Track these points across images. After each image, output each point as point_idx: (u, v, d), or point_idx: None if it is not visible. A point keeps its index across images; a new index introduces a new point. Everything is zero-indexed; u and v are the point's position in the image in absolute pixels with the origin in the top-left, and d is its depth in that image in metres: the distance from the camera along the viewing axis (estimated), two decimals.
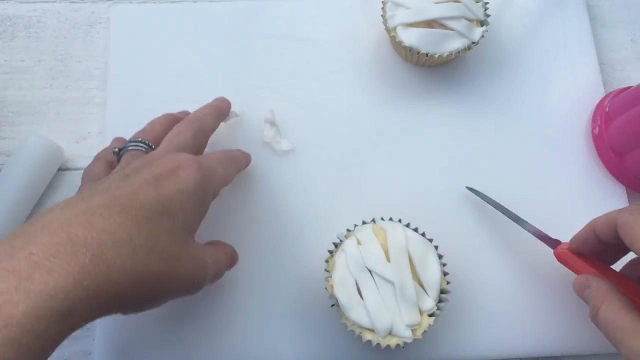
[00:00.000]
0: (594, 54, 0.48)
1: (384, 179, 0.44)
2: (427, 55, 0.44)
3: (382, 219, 0.38)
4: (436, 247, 0.37)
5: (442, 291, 0.36)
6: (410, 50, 0.44)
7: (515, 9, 0.50)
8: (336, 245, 0.38)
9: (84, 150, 0.46)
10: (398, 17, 0.44)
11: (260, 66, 0.47)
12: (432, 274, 0.36)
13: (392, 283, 0.35)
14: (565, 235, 0.39)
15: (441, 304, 0.36)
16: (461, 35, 0.43)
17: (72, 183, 0.45)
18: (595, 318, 0.33)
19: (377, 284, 0.35)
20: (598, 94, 0.47)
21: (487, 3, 0.45)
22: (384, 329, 0.34)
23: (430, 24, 0.43)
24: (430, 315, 0.35)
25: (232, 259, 0.38)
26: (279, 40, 0.48)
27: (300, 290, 0.41)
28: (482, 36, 0.44)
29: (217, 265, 0.34)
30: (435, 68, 0.48)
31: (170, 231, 0.29)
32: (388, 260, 0.35)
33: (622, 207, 0.44)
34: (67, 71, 0.48)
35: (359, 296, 0.35)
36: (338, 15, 0.49)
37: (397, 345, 0.34)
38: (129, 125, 0.45)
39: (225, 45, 0.48)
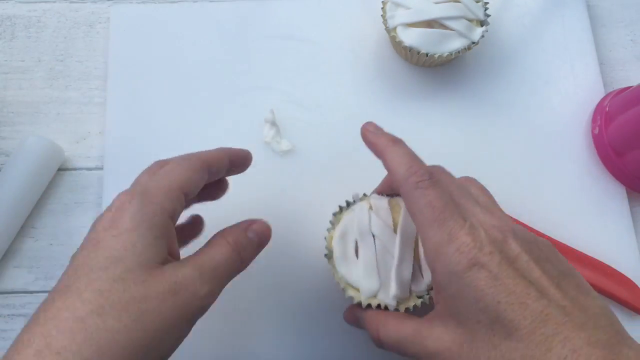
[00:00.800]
0: (594, 54, 0.48)
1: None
2: (427, 55, 0.44)
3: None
4: None
5: None
6: (410, 50, 0.44)
7: (515, 9, 0.50)
8: (348, 204, 0.37)
9: (84, 150, 0.46)
10: (398, 17, 0.44)
11: (260, 66, 0.47)
12: None
13: (392, 255, 0.34)
14: (565, 235, 0.39)
15: (431, 291, 0.34)
16: (461, 35, 0.43)
17: (72, 183, 0.45)
18: (380, 344, 0.32)
19: (377, 250, 0.34)
20: (598, 94, 0.47)
21: (487, 3, 0.45)
22: (369, 291, 0.34)
23: (430, 24, 0.43)
24: (419, 297, 0.34)
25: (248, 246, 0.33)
26: (279, 40, 0.48)
27: (299, 290, 0.41)
28: (482, 36, 0.44)
29: (211, 269, 0.30)
30: (435, 68, 0.48)
31: (136, 292, 0.26)
32: (395, 233, 0.35)
33: (621, 203, 0.44)
34: (67, 71, 0.48)
35: (355, 255, 0.35)
36: (338, 15, 0.49)
37: (378, 306, 0.34)
38: (129, 125, 0.46)
39: (225, 45, 0.48)
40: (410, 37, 0.43)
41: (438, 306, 0.29)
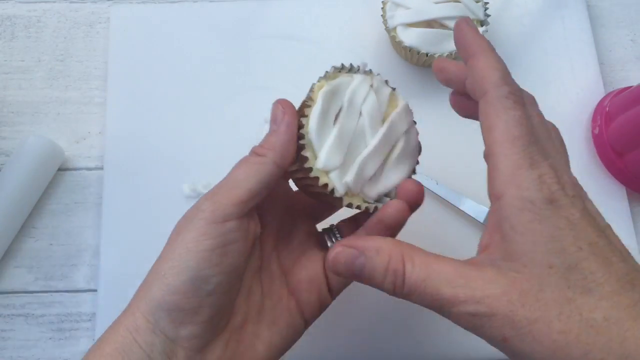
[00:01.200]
0: (594, 54, 0.48)
1: None
2: (427, 55, 0.44)
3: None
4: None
5: (388, 195, 0.31)
6: (410, 50, 0.44)
7: (515, 9, 0.50)
8: (351, 68, 0.32)
9: (84, 150, 0.46)
10: (398, 17, 0.44)
11: (260, 66, 0.47)
12: (399, 173, 0.31)
13: (366, 144, 0.30)
14: None
15: (378, 204, 0.31)
16: None
17: (72, 183, 0.45)
18: (401, 289, 0.25)
19: (356, 130, 0.30)
20: (598, 94, 0.47)
21: (487, 3, 0.45)
22: (328, 164, 0.29)
23: (430, 24, 0.44)
24: (365, 202, 0.30)
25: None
26: (279, 40, 0.48)
27: None
28: None
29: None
30: None
31: None
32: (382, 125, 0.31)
33: (621, 203, 0.44)
34: (67, 71, 0.48)
35: (333, 119, 0.30)
36: (338, 15, 0.49)
37: (325, 186, 0.29)
38: (129, 125, 0.46)
39: (225, 45, 0.48)
40: (410, 37, 0.43)
41: (490, 249, 0.24)
